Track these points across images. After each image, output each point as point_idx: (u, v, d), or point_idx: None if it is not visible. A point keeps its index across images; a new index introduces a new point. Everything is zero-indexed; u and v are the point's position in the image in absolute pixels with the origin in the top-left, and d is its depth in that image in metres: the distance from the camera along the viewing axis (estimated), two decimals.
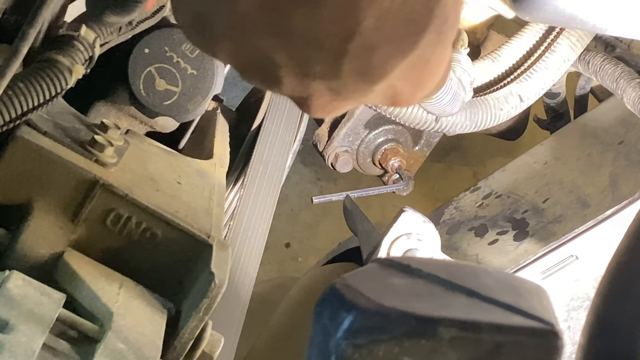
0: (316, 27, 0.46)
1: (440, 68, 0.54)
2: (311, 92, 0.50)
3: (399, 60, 0.49)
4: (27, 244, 0.73)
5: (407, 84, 0.52)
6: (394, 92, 0.52)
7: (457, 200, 1.80)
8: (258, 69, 0.50)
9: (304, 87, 0.50)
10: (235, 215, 1.22)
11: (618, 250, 0.55)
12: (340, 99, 0.51)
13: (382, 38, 0.47)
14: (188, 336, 0.75)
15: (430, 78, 0.53)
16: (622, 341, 0.52)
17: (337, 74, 0.48)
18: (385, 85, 0.50)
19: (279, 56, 0.48)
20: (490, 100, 1.56)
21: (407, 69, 0.50)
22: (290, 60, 0.48)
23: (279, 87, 0.51)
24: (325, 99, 0.50)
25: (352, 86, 0.50)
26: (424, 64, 0.51)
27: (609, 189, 1.54)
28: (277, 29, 0.47)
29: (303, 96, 0.51)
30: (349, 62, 0.48)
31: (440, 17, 0.49)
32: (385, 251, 1.30)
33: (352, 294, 0.45)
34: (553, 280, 1.47)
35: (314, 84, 0.49)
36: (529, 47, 1.55)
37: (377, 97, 0.52)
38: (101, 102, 1.08)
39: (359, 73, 0.49)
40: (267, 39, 0.48)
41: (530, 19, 1.36)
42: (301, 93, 0.51)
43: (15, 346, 0.60)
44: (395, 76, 0.50)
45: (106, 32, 0.86)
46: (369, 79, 0.49)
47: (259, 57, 0.49)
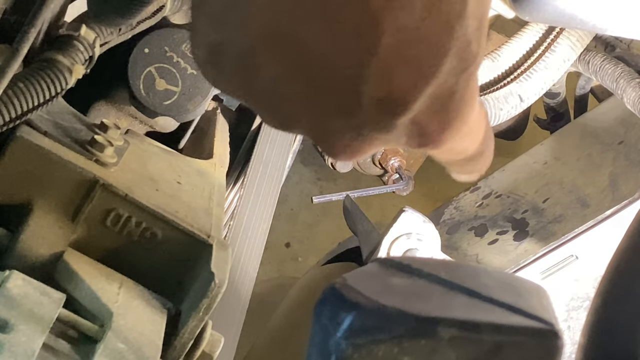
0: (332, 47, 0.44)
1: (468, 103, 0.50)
2: (332, 131, 0.47)
3: (421, 88, 0.46)
4: (27, 243, 0.73)
5: (434, 119, 0.48)
6: (420, 129, 0.49)
7: (457, 200, 1.80)
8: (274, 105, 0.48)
9: (323, 125, 0.47)
10: (235, 215, 1.22)
11: (618, 250, 0.56)
12: (363, 138, 0.48)
13: (401, 60, 0.45)
14: (188, 336, 0.75)
15: (458, 114, 0.50)
16: (622, 341, 0.52)
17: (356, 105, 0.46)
18: (409, 120, 0.47)
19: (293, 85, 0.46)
20: (490, 100, 1.56)
21: (430, 100, 0.47)
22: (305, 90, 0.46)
23: (298, 126, 0.48)
24: (347, 138, 0.48)
25: (373, 120, 0.47)
26: (448, 96, 0.48)
27: (609, 189, 1.54)
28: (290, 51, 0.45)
29: (323, 136, 0.48)
30: (368, 90, 0.45)
31: (463, 40, 0.46)
32: (385, 251, 1.30)
33: (352, 294, 0.45)
34: (553, 280, 1.47)
35: (333, 121, 0.47)
36: (529, 47, 1.56)
37: (402, 135, 0.49)
38: (101, 102, 1.09)
39: (379, 103, 0.46)
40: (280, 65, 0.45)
41: (530, 19, 1.36)
42: (321, 131, 0.48)
43: (15, 346, 0.60)
44: (419, 108, 0.47)
45: (106, 32, 0.86)
46: (389, 111, 0.46)
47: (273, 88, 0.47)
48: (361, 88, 0.45)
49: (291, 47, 0.44)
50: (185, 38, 1.05)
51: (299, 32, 0.44)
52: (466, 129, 0.51)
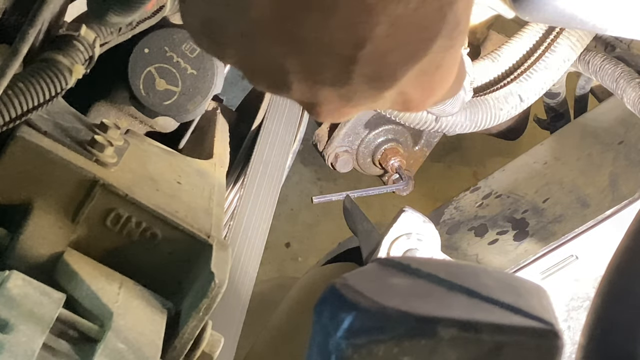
0: (328, 34, 0.46)
1: (451, 72, 0.53)
2: (321, 99, 0.50)
3: (410, 67, 0.48)
4: (27, 244, 0.73)
5: (418, 89, 0.51)
6: (404, 98, 0.52)
7: (457, 200, 1.80)
8: (267, 75, 0.50)
9: (313, 93, 0.49)
10: (235, 215, 1.22)
11: (618, 250, 0.56)
12: (350, 105, 0.50)
13: (394, 44, 0.47)
14: (188, 336, 0.75)
15: (441, 83, 0.53)
16: (622, 341, 0.52)
17: (347, 81, 0.48)
18: (396, 92, 0.50)
19: (289, 62, 0.48)
20: (490, 100, 1.56)
21: (418, 75, 0.50)
22: (301, 66, 0.48)
23: (288, 93, 0.50)
24: (335, 105, 0.50)
25: (362, 93, 0.49)
26: (435, 68, 0.51)
27: (609, 189, 1.54)
28: (288, 36, 0.47)
29: (312, 102, 0.50)
30: (359, 69, 0.47)
31: (452, 22, 0.48)
32: (385, 251, 1.30)
33: (352, 294, 0.45)
34: (553, 280, 1.47)
35: (324, 90, 0.49)
36: (529, 47, 1.55)
37: (388, 102, 0.52)
38: (101, 102, 1.09)
39: (370, 80, 0.48)
40: (278, 45, 0.47)
41: (530, 19, 1.36)
42: (310, 99, 0.50)
43: (15, 346, 0.60)
44: (406, 82, 0.49)
45: (106, 32, 0.86)
46: (379, 86, 0.49)
47: (269, 63, 0.49)
48: (353, 67, 0.47)
49: (289, 32, 0.46)
50: (185, 38, 1.05)
51: (297, 19, 0.46)
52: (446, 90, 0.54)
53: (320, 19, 0.46)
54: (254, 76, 0.51)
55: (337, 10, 0.45)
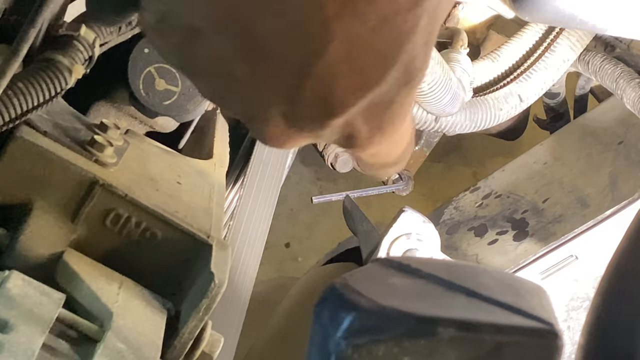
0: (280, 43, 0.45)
1: (403, 115, 0.51)
2: (265, 118, 0.48)
3: (362, 94, 0.47)
4: (27, 243, 0.73)
5: (366, 124, 0.49)
6: (351, 131, 0.50)
7: (457, 200, 1.80)
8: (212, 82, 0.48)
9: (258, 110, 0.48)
10: (235, 215, 1.22)
11: (618, 250, 0.56)
12: (296, 130, 0.48)
13: (347, 67, 0.45)
14: (188, 336, 0.75)
15: (392, 122, 0.51)
16: (622, 341, 0.52)
17: (295, 97, 0.46)
18: (343, 121, 0.48)
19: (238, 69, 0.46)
20: (490, 100, 1.56)
21: (368, 107, 0.48)
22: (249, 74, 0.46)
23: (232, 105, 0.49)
24: (280, 127, 0.48)
25: (308, 116, 0.47)
26: (386, 105, 0.49)
27: (609, 189, 1.54)
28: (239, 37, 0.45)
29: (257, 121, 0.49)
30: (309, 86, 0.46)
31: (409, 54, 0.47)
32: (385, 251, 1.30)
33: (352, 294, 0.45)
34: (553, 280, 1.47)
35: (270, 109, 0.47)
36: (528, 47, 1.56)
37: (334, 133, 0.50)
38: (101, 102, 1.08)
39: (318, 101, 0.46)
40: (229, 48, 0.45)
41: (530, 19, 1.36)
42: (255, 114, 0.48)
43: (14, 346, 0.60)
44: (355, 112, 0.48)
45: (106, 32, 0.86)
46: (327, 110, 0.47)
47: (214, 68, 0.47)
48: (304, 83, 0.46)
49: (241, 33, 0.45)
50: None
51: (251, 21, 0.44)
52: (395, 137, 0.53)
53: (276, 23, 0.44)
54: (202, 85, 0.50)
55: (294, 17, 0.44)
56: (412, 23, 0.46)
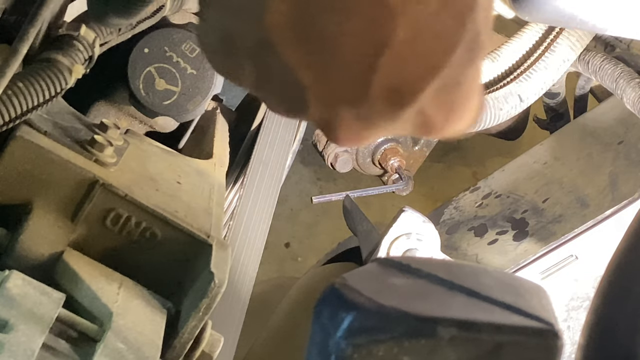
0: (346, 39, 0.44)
1: (473, 92, 0.51)
2: (338, 119, 0.48)
3: (430, 79, 0.46)
4: (27, 243, 0.73)
5: (439, 109, 0.49)
6: (424, 119, 0.49)
7: (457, 200, 1.80)
8: (284, 94, 0.48)
9: (331, 113, 0.48)
10: (235, 215, 1.22)
11: (618, 250, 0.56)
12: (369, 127, 0.48)
13: (413, 52, 0.45)
14: (188, 336, 0.75)
15: (463, 103, 0.50)
16: (622, 341, 0.52)
17: (365, 96, 0.46)
18: (415, 110, 0.48)
19: (305, 75, 0.46)
20: (490, 100, 1.56)
21: (438, 91, 0.47)
22: (317, 79, 0.46)
23: (305, 113, 0.48)
24: (353, 127, 0.48)
25: (380, 111, 0.47)
26: (455, 86, 0.48)
27: (609, 189, 1.54)
28: (304, 42, 0.45)
29: (330, 123, 0.48)
30: (378, 81, 0.45)
31: (472, 32, 0.47)
32: (385, 251, 1.30)
33: (352, 294, 0.45)
34: (553, 280, 1.47)
35: (342, 110, 0.47)
36: (528, 47, 1.55)
37: (408, 124, 0.49)
38: (101, 102, 1.08)
39: (387, 93, 0.46)
40: (294, 54, 0.46)
41: (530, 19, 1.36)
42: (328, 119, 0.48)
43: (14, 346, 0.60)
44: (425, 99, 0.47)
45: (106, 32, 0.86)
46: (397, 101, 0.47)
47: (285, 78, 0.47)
48: (371, 78, 0.46)
49: (306, 36, 0.45)
50: (185, 38, 1.05)
51: (315, 22, 0.44)
52: (468, 117, 0.52)
53: (338, 20, 0.44)
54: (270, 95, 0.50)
55: (356, 10, 0.44)
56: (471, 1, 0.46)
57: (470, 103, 0.51)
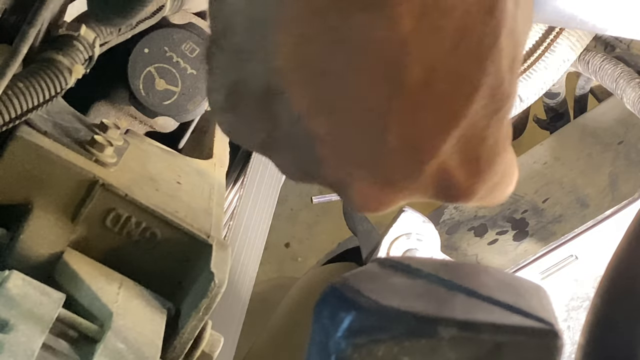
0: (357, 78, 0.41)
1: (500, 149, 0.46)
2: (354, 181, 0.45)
3: (450, 129, 0.43)
4: (27, 243, 0.73)
5: (463, 167, 0.45)
6: (447, 177, 0.45)
7: None
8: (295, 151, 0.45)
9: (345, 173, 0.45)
10: (235, 215, 1.22)
11: (618, 250, 0.56)
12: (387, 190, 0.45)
13: (429, 95, 0.42)
14: (188, 336, 0.75)
15: (490, 162, 0.46)
16: (622, 341, 0.52)
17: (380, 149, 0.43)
18: (436, 167, 0.44)
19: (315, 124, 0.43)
20: None
21: (459, 145, 0.44)
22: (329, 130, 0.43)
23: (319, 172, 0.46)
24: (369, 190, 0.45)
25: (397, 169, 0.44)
26: (479, 141, 0.44)
27: (609, 189, 1.54)
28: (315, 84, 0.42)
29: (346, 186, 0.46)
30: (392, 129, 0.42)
31: (494, 77, 0.43)
32: (385, 251, 1.30)
33: (352, 294, 0.45)
34: (553, 280, 1.47)
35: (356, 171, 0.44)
36: (528, 47, 1.55)
37: (430, 184, 0.45)
38: (101, 102, 1.08)
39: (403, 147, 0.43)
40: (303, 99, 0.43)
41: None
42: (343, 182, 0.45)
43: (14, 346, 0.60)
44: (447, 153, 0.44)
45: (106, 32, 0.86)
46: (415, 155, 0.43)
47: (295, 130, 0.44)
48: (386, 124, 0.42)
49: (316, 77, 0.42)
50: (185, 38, 1.05)
51: (324, 61, 0.41)
52: (497, 178, 0.47)
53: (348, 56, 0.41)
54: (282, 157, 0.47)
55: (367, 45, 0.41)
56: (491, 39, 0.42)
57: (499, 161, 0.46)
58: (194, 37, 1.05)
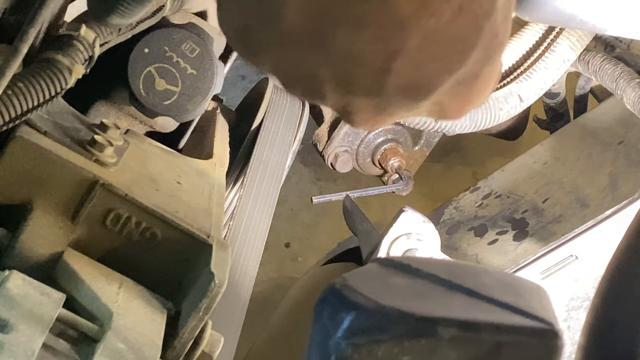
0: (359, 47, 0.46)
1: (490, 82, 0.53)
2: (355, 108, 0.50)
3: (446, 78, 0.48)
4: (27, 243, 0.73)
5: (456, 99, 0.51)
6: (441, 107, 0.51)
7: (457, 200, 1.80)
8: (301, 82, 0.50)
9: (347, 102, 0.49)
10: (235, 215, 1.22)
11: (618, 250, 0.56)
12: (385, 114, 0.50)
13: (428, 57, 0.47)
14: (188, 336, 0.75)
15: (480, 93, 0.52)
16: (622, 341, 0.52)
17: (380, 91, 0.48)
18: (432, 101, 0.50)
19: (322, 72, 0.48)
20: (490, 100, 1.56)
21: (455, 85, 0.49)
22: (333, 76, 0.48)
23: (322, 101, 0.50)
24: (369, 113, 0.50)
25: (396, 103, 0.49)
26: (472, 79, 0.50)
27: (609, 189, 1.54)
28: (320, 47, 0.47)
29: (347, 110, 0.50)
30: (393, 81, 0.47)
31: (490, 34, 0.48)
32: (385, 251, 1.30)
33: (352, 294, 0.45)
34: (553, 280, 1.47)
35: (357, 99, 0.49)
36: (528, 47, 1.55)
37: (424, 111, 0.51)
38: (101, 102, 1.08)
39: (404, 90, 0.48)
40: (310, 56, 0.47)
41: (530, 19, 1.36)
42: (345, 108, 0.50)
43: (15, 346, 0.60)
44: (442, 92, 0.49)
45: (106, 32, 0.86)
46: (414, 96, 0.49)
47: (302, 71, 0.49)
48: (386, 78, 0.47)
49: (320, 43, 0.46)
50: (185, 38, 1.05)
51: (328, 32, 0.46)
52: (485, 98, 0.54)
53: (351, 32, 0.45)
54: (288, 83, 0.51)
55: (369, 24, 0.45)
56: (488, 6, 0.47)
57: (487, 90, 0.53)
58: (194, 37, 1.05)
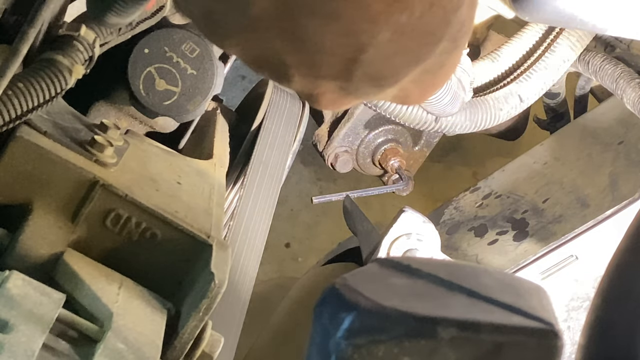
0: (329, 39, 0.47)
1: (452, 70, 0.54)
2: (321, 90, 0.50)
3: (413, 68, 0.49)
4: (27, 244, 0.73)
5: (420, 87, 0.53)
6: (405, 93, 0.53)
7: (457, 200, 1.80)
8: (268, 67, 0.50)
9: (313, 86, 0.50)
10: (235, 215, 1.22)
11: (618, 250, 0.56)
12: (350, 97, 0.51)
13: (397, 49, 0.48)
14: (188, 336, 0.75)
15: (442, 80, 0.54)
16: (622, 341, 0.52)
17: (348, 78, 0.49)
18: (397, 88, 0.51)
19: (290, 59, 0.48)
20: (490, 101, 1.56)
21: (421, 74, 0.50)
22: (301, 63, 0.49)
23: (288, 84, 0.51)
24: (335, 95, 0.51)
25: (363, 89, 0.50)
26: (437, 68, 0.52)
27: (609, 189, 1.54)
28: (289, 35, 0.47)
29: (312, 93, 0.51)
30: (361, 69, 0.48)
31: (457, 25, 0.49)
32: (385, 251, 1.30)
33: (352, 294, 0.45)
34: (553, 280, 1.47)
35: (325, 83, 0.50)
36: (528, 47, 1.55)
37: (388, 97, 0.53)
38: (101, 102, 1.08)
39: (371, 78, 0.49)
40: (278, 42, 0.48)
41: (530, 19, 1.36)
42: (311, 90, 0.51)
43: (15, 346, 0.60)
44: (408, 81, 0.50)
45: (106, 32, 0.86)
46: (381, 84, 0.50)
47: (270, 57, 0.49)
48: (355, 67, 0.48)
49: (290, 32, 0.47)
50: (185, 38, 1.05)
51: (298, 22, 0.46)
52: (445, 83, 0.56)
53: (322, 24, 0.46)
54: (255, 65, 0.52)
55: (340, 17, 0.46)
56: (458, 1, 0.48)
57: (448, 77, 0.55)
58: (194, 37, 1.05)
